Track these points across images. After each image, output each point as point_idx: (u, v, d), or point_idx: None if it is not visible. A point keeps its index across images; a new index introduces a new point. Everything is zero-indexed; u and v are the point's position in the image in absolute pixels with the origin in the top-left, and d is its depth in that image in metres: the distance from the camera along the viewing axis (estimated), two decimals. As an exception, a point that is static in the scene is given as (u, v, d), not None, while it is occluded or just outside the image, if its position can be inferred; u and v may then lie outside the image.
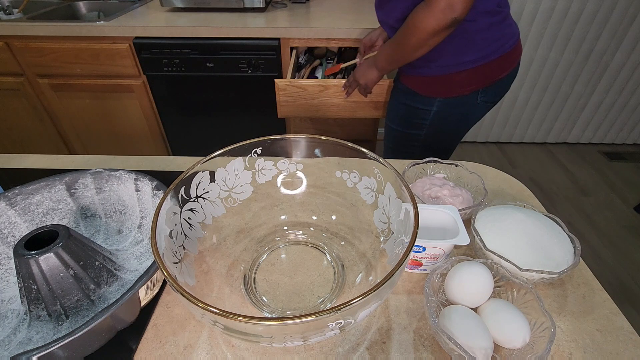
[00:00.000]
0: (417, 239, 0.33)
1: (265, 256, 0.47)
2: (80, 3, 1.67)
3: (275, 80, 1.09)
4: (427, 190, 0.53)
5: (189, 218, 0.41)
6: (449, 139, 0.95)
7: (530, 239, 0.43)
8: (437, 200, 0.52)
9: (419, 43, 0.71)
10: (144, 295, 0.36)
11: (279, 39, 1.32)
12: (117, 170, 0.50)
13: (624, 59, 1.88)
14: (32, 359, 0.29)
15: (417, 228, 0.33)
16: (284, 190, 0.50)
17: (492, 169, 0.66)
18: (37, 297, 0.37)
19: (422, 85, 0.86)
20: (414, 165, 0.58)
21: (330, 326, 0.29)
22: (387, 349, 0.38)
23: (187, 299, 0.27)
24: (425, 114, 0.88)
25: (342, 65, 1.12)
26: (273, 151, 0.46)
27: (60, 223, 0.49)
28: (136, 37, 1.33)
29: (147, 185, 0.48)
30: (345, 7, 1.54)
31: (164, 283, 0.43)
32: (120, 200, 0.51)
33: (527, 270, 0.40)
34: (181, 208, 0.40)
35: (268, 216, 0.50)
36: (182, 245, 0.39)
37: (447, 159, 0.59)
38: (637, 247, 1.57)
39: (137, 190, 0.49)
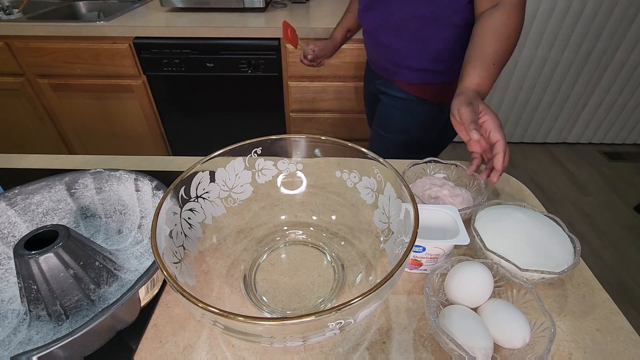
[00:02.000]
0: (417, 239, 0.33)
1: (265, 256, 0.47)
2: (80, 3, 1.67)
3: (287, 44, 1.32)
4: (427, 190, 0.53)
5: (189, 218, 0.41)
6: (444, 142, 0.94)
7: (530, 239, 0.43)
8: (437, 200, 0.52)
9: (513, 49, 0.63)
10: (144, 295, 0.36)
11: (279, 39, 1.32)
12: (117, 170, 0.50)
13: (624, 59, 1.88)
14: (32, 359, 0.29)
15: (417, 228, 0.33)
16: (284, 190, 0.50)
17: (492, 169, 0.66)
18: (37, 297, 0.37)
19: (439, 92, 0.81)
20: (414, 165, 0.58)
21: (330, 326, 0.29)
22: (387, 349, 0.38)
23: (187, 299, 0.27)
24: (434, 122, 0.85)
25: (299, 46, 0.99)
26: (273, 151, 0.46)
27: (60, 223, 0.49)
28: (136, 37, 1.33)
29: (147, 185, 0.48)
30: (345, 7, 1.54)
31: (164, 283, 0.43)
32: (120, 200, 0.51)
33: (527, 270, 0.40)
34: (181, 208, 0.40)
35: (268, 216, 0.50)
36: (182, 245, 0.39)
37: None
38: (637, 247, 1.57)
39: (137, 190, 0.49)
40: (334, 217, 0.50)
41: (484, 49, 0.60)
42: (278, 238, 0.50)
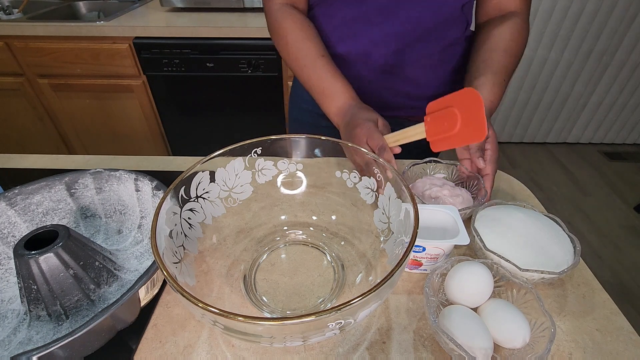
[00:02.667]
0: (417, 239, 0.32)
1: (265, 256, 0.47)
2: (80, 3, 1.67)
3: None
4: (427, 190, 0.53)
5: (189, 218, 0.41)
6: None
7: (530, 239, 0.43)
8: (437, 200, 0.52)
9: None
10: (144, 295, 0.36)
11: (279, 39, 1.32)
12: (117, 170, 0.50)
13: (624, 59, 1.88)
14: (32, 359, 0.29)
15: (417, 228, 0.33)
16: (284, 190, 0.50)
17: (492, 169, 0.66)
18: (37, 297, 0.37)
19: None
20: (414, 165, 0.58)
21: (330, 326, 0.29)
22: (387, 349, 0.38)
23: (187, 299, 0.27)
24: None
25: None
26: (273, 151, 0.46)
27: (60, 223, 0.49)
28: (136, 37, 1.33)
29: (147, 185, 0.48)
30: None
31: (164, 283, 0.43)
32: (120, 200, 0.51)
33: (527, 270, 0.40)
34: (181, 208, 0.40)
35: (268, 216, 0.50)
36: (182, 245, 0.39)
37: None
38: (637, 247, 1.57)
39: (137, 190, 0.49)
40: (334, 217, 0.50)
41: (496, 64, 0.57)
42: (278, 238, 0.50)
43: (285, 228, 0.50)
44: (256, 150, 0.45)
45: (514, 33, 0.59)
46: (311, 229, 0.50)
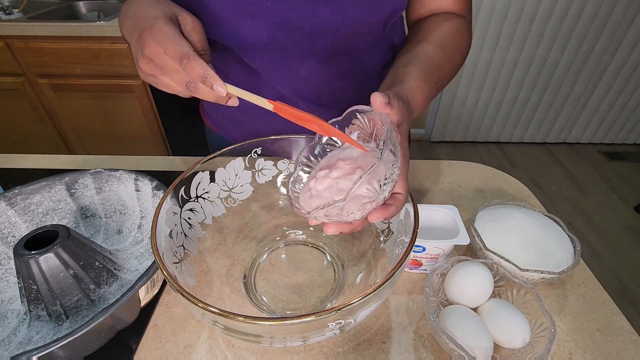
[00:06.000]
0: (417, 239, 0.32)
1: (265, 256, 0.47)
2: (80, 3, 1.67)
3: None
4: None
5: (189, 218, 0.41)
6: None
7: (530, 239, 0.43)
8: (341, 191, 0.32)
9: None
10: (144, 295, 0.36)
11: (279, 39, 1.32)
12: (117, 170, 0.50)
13: (624, 59, 1.88)
14: (32, 359, 0.29)
15: (417, 228, 0.33)
16: (284, 190, 0.50)
17: (492, 169, 0.66)
18: (37, 297, 0.37)
19: None
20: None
21: (330, 326, 0.29)
22: (387, 349, 0.38)
23: (187, 299, 0.27)
24: None
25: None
26: (273, 151, 0.46)
27: (60, 223, 0.49)
28: (136, 37, 1.33)
29: (147, 185, 0.48)
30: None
31: (164, 283, 0.43)
32: (120, 200, 0.51)
33: (527, 270, 0.40)
34: (181, 208, 0.40)
35: (268, 216, 0.50)
36: (182, 245, 0.39)
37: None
38: (637, 247, 1.57)
39: (137, 190, 0.49)
40: (334, 217, 0.50)
41: (429, 59, 0.44)
42: (278, 238, 0.50)
43: (285, 228, 0.50)
44: (256, 150, 0.45)
45: (452, 29, 0.48)
46: (311, 228, 0.50)
